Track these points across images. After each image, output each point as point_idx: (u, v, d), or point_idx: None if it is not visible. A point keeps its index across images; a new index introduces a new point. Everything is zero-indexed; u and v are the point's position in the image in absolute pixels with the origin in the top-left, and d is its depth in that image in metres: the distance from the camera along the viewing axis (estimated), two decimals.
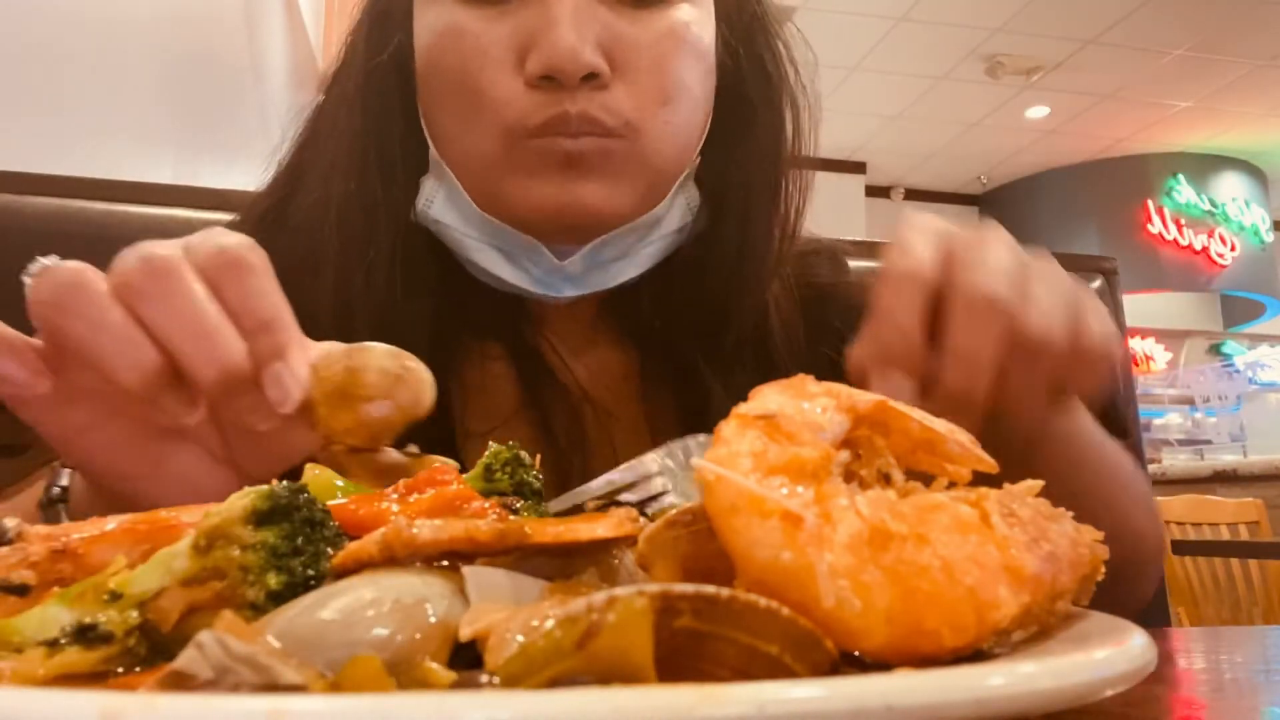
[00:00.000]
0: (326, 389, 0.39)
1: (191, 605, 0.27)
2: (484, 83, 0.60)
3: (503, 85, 0.60)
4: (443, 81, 0.62)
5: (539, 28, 0.58)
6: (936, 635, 0.25)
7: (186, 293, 0.40)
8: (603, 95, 0.60)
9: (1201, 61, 5.73)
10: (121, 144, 2.00)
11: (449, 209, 0.64)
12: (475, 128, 0.61)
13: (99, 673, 0.25)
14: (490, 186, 0.62)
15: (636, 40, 0.61)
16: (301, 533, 0.27)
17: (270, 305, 0.41)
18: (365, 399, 0.39)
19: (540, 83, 0.59)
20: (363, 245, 0.64)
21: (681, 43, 0.62)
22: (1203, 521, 3.29)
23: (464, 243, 0.64)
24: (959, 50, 5.55)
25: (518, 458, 0.36)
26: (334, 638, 0.24)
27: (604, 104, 0.59)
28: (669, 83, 0.62)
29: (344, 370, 0.39)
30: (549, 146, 0.59)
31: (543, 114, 0.59)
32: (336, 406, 0.39)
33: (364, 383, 0.39)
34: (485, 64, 0.60)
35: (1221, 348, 8.31)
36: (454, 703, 0.18)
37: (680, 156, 0.65)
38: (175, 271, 0.40)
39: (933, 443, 0.32)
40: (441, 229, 0.64)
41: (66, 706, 0.18)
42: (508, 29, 0.60)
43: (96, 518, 0.32)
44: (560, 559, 0.30)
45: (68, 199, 0.89)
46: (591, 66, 0.58)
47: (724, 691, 0.19)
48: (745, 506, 0.26)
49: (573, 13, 0.58)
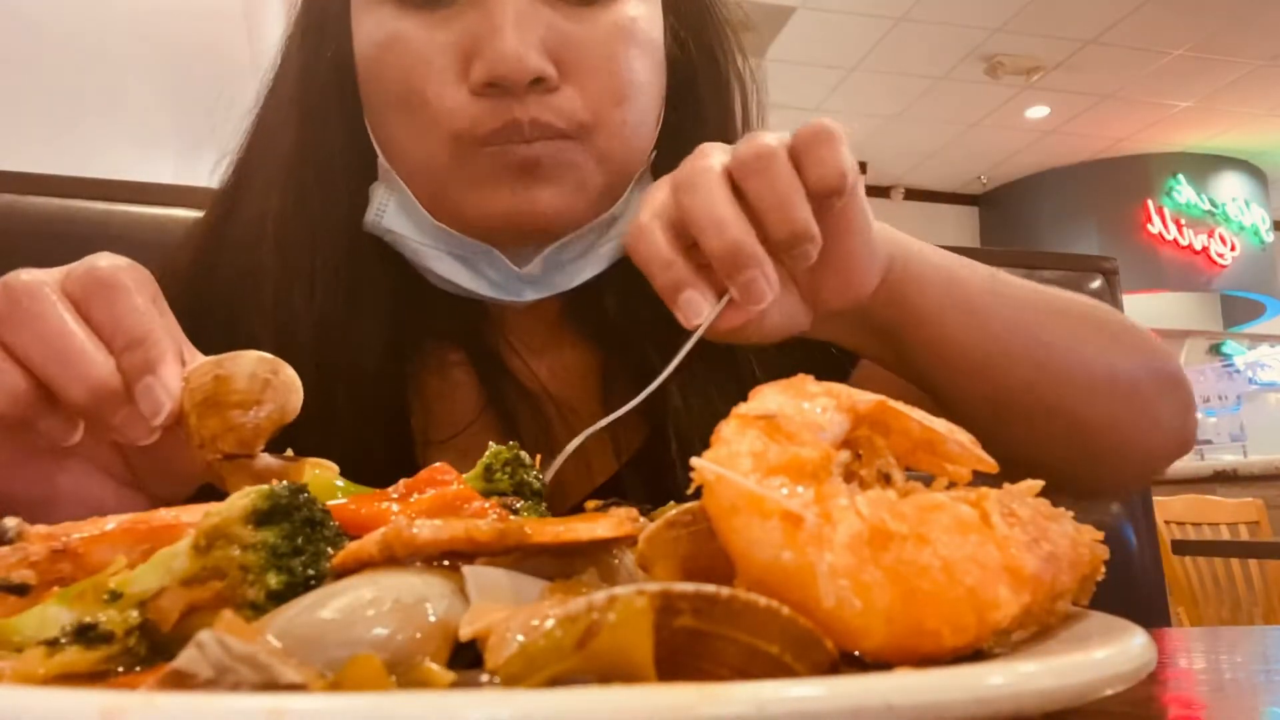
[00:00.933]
0: (197, 399, 0.40)
1: (191, 605, 0.27)
2: (429, 94, 0.58)
3: (449, 95, 0.58)
4: (386, 92, 0.61)
5: (481, 34, 0.57)
6: (937, 635, 0.25)
7: (49, 315, 0.41)
8: (552, 98, 0.58)
9: (1201, 61, 5.73)
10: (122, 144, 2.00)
11: (401, 218, 0.63)
12: (423, 138, 0.60)
13: (99, 672, 0.25)
14: (443, 196, 0.61)
15: (584, 39, 0.59)
16: (301, 533, 0.27)
17: (140, 322, 0.42)
18: (233, 405, 0.40)
19: (486, 90, 0.57)
20: (304, 259, 0.63)
21: (630, 39, 0.61)
22: (1203, 521, 3.29)
23: (420, 251, 0.62)
24: (959, 50, 5.54)
25: (518, 458, 0.36)
26: (334, 637, 0.24)
27: (555, 107, 0.58)
28: (620, 81, 0.60)
29: (213, 379, 0.40)
30: (501, 154, 0.58)
31: (492, 122, 0.57)
32: (205, 414, 0.40)
33: (232, 389, 0.40)
34: (429, 74, 0.58)
35: (1221, 348, 8.30)
36: (454, 702, 0.18)
37: (636, 153, 0.64)
38: (37, 295, 0.41)
39: (933, 443, 0.32)
40: (395, 238, 0.63)
41: (66, 706, 0.18)
42: (450, 36, 0.58)
43: (96, 518, 0.32)
44: (560, 559, 0.30)
45: (69, 199, 0.89)
46: (537, 71, 0.57)
47: (724, 691, 0.19)
48: (745, 506, 0.26)
49: (515, 17, 0.57)
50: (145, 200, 0.91)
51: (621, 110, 0.61)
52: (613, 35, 0.60)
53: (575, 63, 0.59)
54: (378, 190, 0.64)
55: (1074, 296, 0.65)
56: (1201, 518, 3.30)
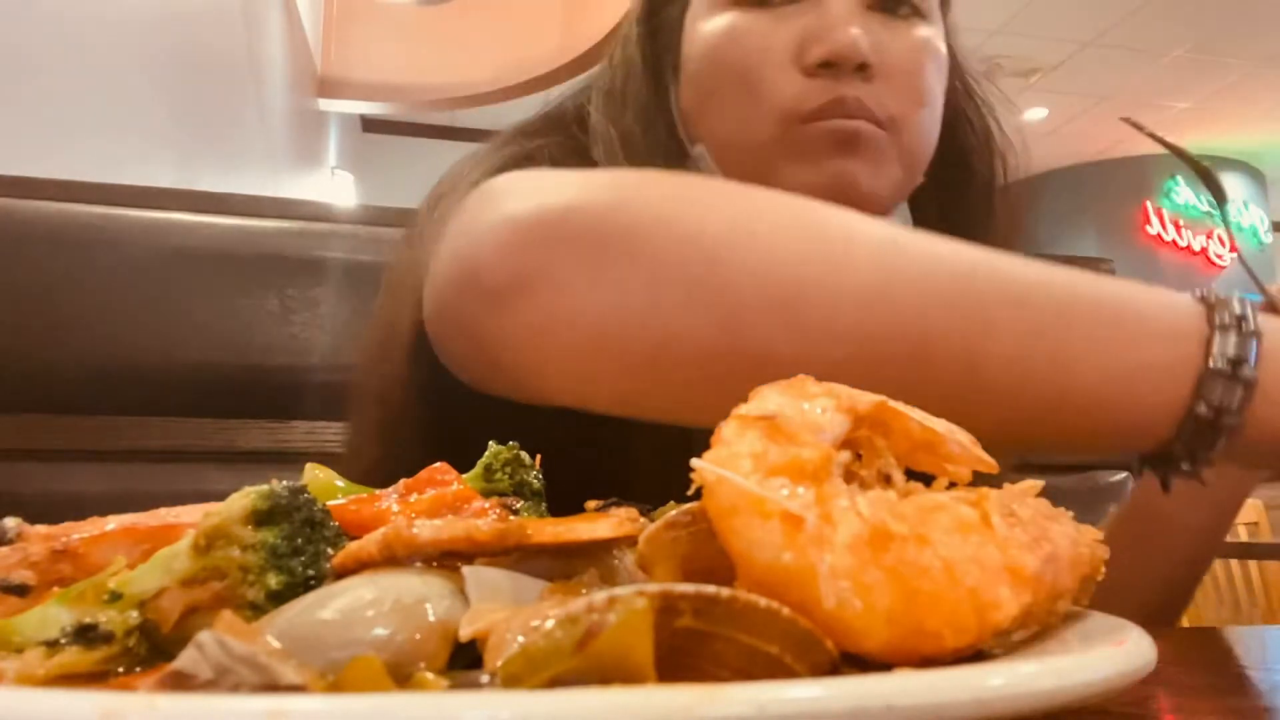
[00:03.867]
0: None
1: (191, 605, 0.27)
2: (765, 74, 0.65)
3: (783, 76, 0.65)
4: (722, 77, 0.67)
5: (819, 25, 0.65)
6: (937, 636, 0.25)
7: None
8: (870, 86, 0.65)
9: (1200, 63, 5.74)
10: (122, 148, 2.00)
11: None
12: (752, 116, 0.66)
13: (99, 673, 0.25)
14: (759, 169, 0.65)
15: (897, 46, 0.67)
16: (301, 533, 0.27)
17: None
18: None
19: (818, 70, 0.64)
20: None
21: (931, 54, 0.69)
22: None
23: None
24: None
25: (518, 458, 0.36)
26: (334, 638, 0.24)
27: (873, 94, 0.65)
28: (922, 86, 0.68)
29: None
30: (827, 127, 0.64)
31: (820, 98, 0.64)
32: None
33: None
34: (766, 58, 0.66)
35: None
36: (454, 703, 0.18)
37: (922, 161, 0.70)
38: None
39: (933, 443, 0.32)
40: None
41: (66, 706, 0.18)
42: (789, 29, 0.66)
43: (96, 518, 0.32)
44: (560, 559, 0.30)
45: (68, 203, 0.89)
46: (867, 56, 0.64)
47: (724, 691, 0.19)
48: (746, 507, 0.26)
49: (849, 15, 0.65)
50: (146, 204, 0.92)
51: (921, 113, 0.68)
52: (918, 47, 0.68)
53: (887, 64, 0.66)
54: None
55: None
56: None
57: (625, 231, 0.43)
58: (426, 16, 4.57)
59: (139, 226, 0.90)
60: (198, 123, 2.58)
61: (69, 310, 0.87)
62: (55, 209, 0.88)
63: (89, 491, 0.85)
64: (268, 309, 0.92)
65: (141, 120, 2.15)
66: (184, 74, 2.45)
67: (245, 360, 0.91)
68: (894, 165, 0.67)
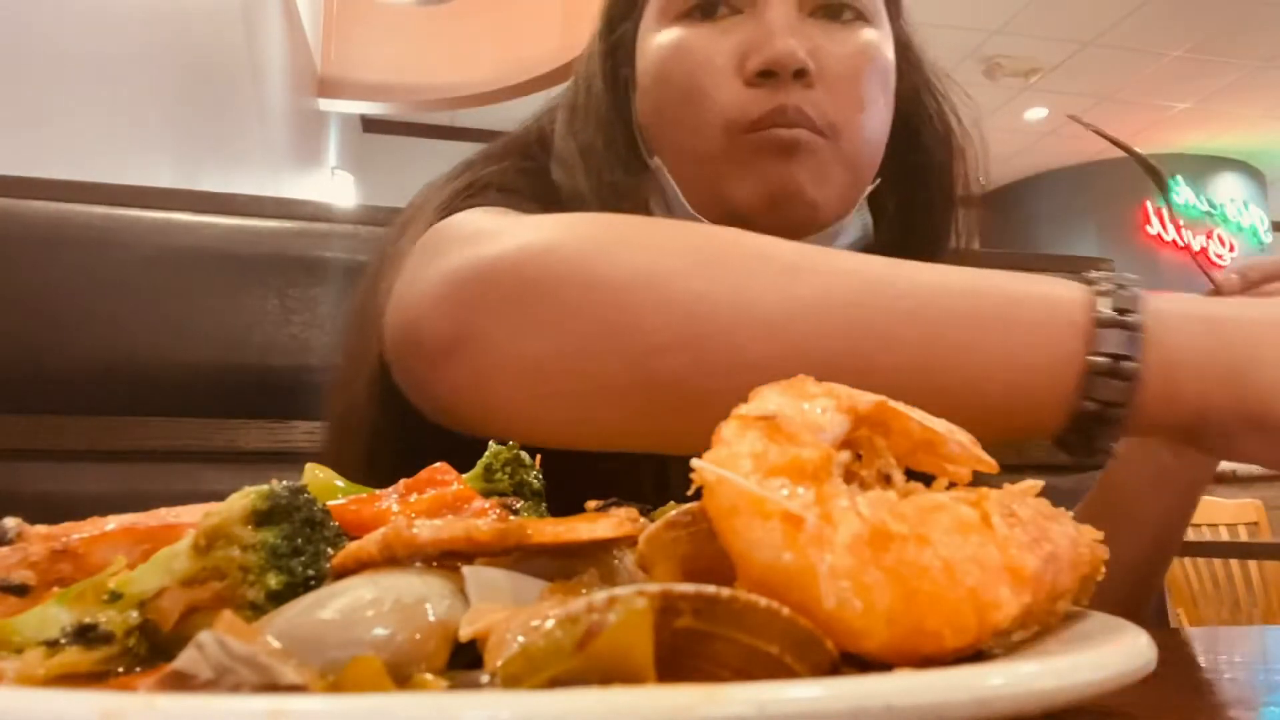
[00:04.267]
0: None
1: (191, 605, 0.27)
2: (709, 86, 0.68)
3: (725, 87, 0.68)
4: (669, 90, 0.70)
5: (759, 36, 0.67)
6: (938, 636, 0.25)
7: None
8: (810, 93, 0.67)
9: (1200, 63, 5.74)
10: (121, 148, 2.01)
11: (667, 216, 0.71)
12: (699, 127, 0.68)
13: (99, 673, 0.25)
14: (709, 179, 0.69)
15: (836, 51, 0.69)
16: (301, 533, 0.27)
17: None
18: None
19: (758, 80, 0.67)
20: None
21: (873, 59, 0.71)
22: (1202, 523, 3.29)
23: None
24: (957, 52, 5.55)
25: (518, 458, 0.36)
26: (334, 638, 0.24)
27: (812, 101, 0.67)
28: (861, 91, 0.70)
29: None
30: (767, 137, 0.67)
31: (761, 107, 0.66)
32: None
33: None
34: (709, 70, 0.68)
35: None
36: (454, 703, 0.18)
37: (867, 165, 0.72)
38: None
39: (933, 443, 0.32)
40: None
41: (66, 706, 0.18)
42: (730, 41, 0.69)
43: (96, 518, 0.32)
44: (560, 559, 0.30)
45: (68, 203, 0.89)
46: (803, 63, 0.66)
47: (724, 691, 0.19)
48: (746, 508, 0.26)
49: (787, 24, 0.68)
50: (146, 204, 0.92)
51: (860, 117, 0.70)
52: (859, 52, 0.70)
53: (827, 69, 0.68)
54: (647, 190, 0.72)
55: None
56: (1201, 519, 3.30)
57: (544, 283, 0.46)
58: (426, 16, 4.57)
59: (139, 226, 0.90)
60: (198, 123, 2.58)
61: (69, 310, 0.87)
62: (55, 209, 0.88)
63: (89, 491, 0.85)
64: (268, 309, 0.92)
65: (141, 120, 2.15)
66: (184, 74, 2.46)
67: (245, 360, 0.91)
68: (837, 171, 0.69)
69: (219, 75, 2.81)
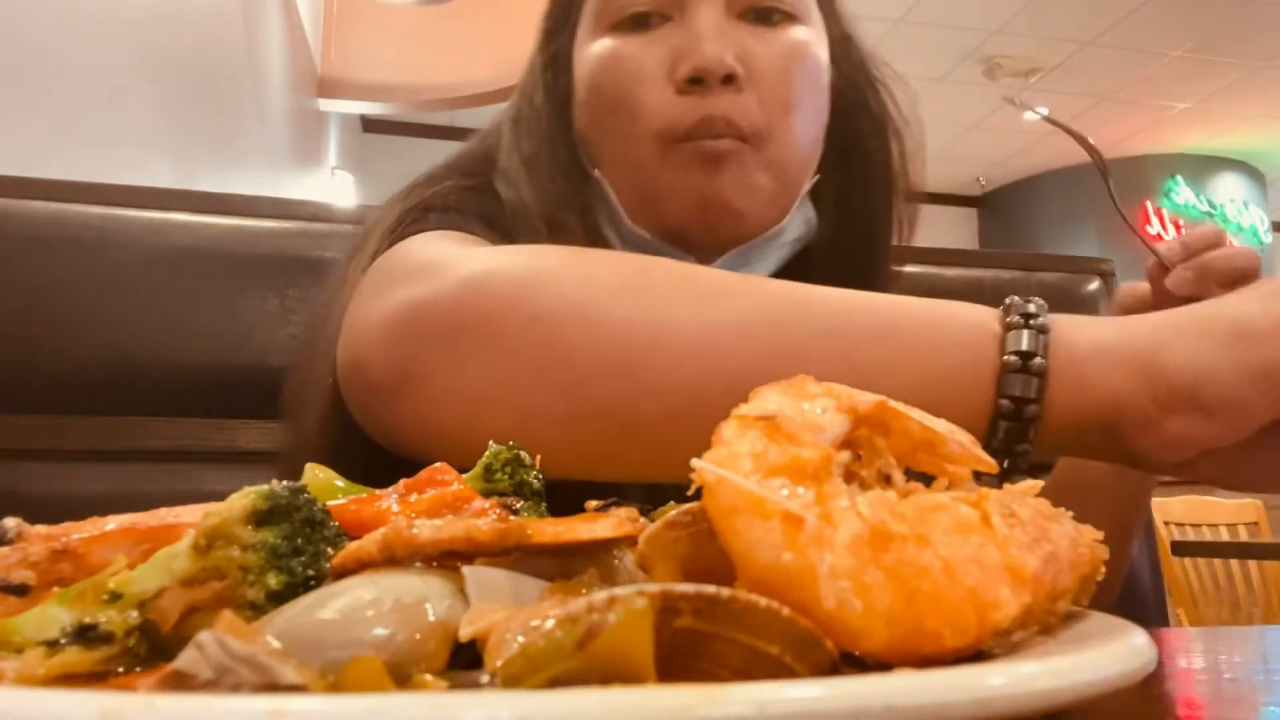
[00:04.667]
0: None
1: (191, 605, 0.27)
2: (640, 95, 0.69)
3: (656, 95, 0.69)
4: (602, 99, 0.72)
5: (687, 43, 0.68)
6: (938, 636, 0.25)
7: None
8: (739, 98, 0.68)
9: (1200, 63, 5.74)
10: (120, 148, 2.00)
11: (608, 226, 0.73)
12: (632, 136, 0.70)
13: (99, 673, 0.25)
14: (643, 189, 0.70)
15: (764, 54, 0.70)
16: (301, 533, 0.27)
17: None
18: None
19: (688, 87, 0.68)
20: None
21: (801, 58, 0.72)
22: (1202, 522, 3.29)
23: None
24: (957, 52, 5.55)
25: (518, 458, 0.36)
26: (334, 638, 0.24)
27: (740, 108, 0.68)
28: (791, 91, 0.70)
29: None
30: (696, 148, 0.68)
31: (691, 117, 0.68)
32: None
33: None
34: (640, 79, 0.69)
35: None
36: (454, 703, 0.18)
37: (800, 166, 0.73)
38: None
39: (933, 443, 0.32)
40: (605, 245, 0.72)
41: (66, 706, 0.18)
42: (660, 50, 0.70)
43: (96, 518, 0.32)
44: (560, 559, 0.30)
45: (66, 203, 0.89)
46: (731, 68, 0.67)
47: (724, 691, 0.19)
48: (746, 508, 0.26)
49: (714, 29, 0.69)
50: (144, 204, 0.92)
51: (790, 118, 0.70)
52: (787, 53, 0.71)
53: (756, 72, 0.69)
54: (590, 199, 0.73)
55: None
56: (1201, 519, 3.30)
57: (481, 320, 0.48)
58: (426, 16, 4.57)
59: (139, 226, 0.90)
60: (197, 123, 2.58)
61: (69, 310, 0.87)
62: (55, 209, 0.88)
63: (89, 491, 0.85)
64: (268, 309, 0.92)
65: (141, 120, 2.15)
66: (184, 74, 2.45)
67: (245, 360, 0.91)
68: (763, 179, 0.70)
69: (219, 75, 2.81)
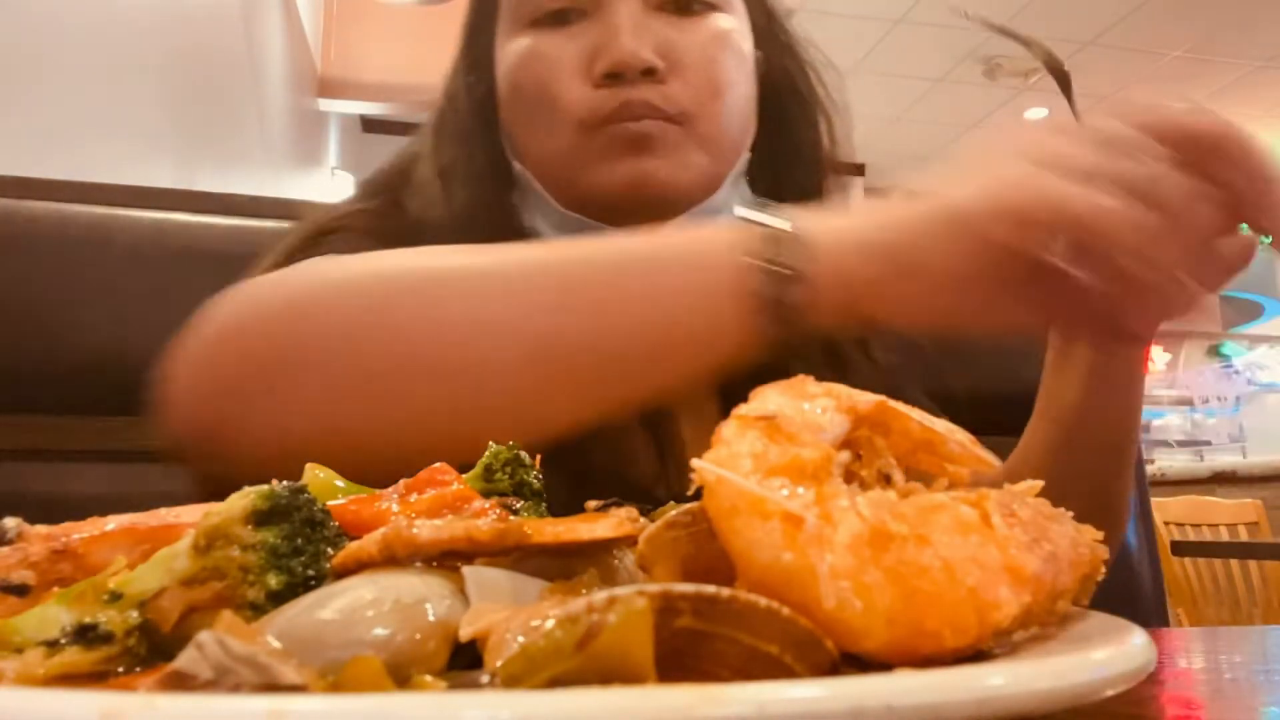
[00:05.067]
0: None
1: (191, 605, 0.27)
2: (559, 90, 0.69)
3: (575, 89, 0.69)
4: (522, 96, 0.72)
5: (604, 38, 0.69)
6: (938, 636, 0.25)
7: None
8: (660, 87, 0.69)
9: (1200, 63, 5.74)
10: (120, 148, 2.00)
11: (537, 216, 0.73)
12: (554, 129, 0.70)
13: (99, 673, 0.25)
14: (570, 177, 0.71)
15: (687, 44, 0.70)
16: (301, 533, 0.27)
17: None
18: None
19: (606, 81, 0.68)
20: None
21: (725, 45, 0.72)
22: (1202, 523, 3.29)
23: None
24: (957, 52, 5.55)
25: (518, 458, 0.36)
26: (334, 638, 0.24)
27: (662, 93, 0.68)
28: (717, 78, 0.71)
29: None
30: (618, 131, 0.68)
31: (609, 105, 0.68)
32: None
33: None
34: (560, 75, 0.70)
35: (1221, 349, 8.30)
36: (454, 703, 0.18)
37: (732, 144, 0.73)
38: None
39: (933, 443, 0.32)
40: (537, 237, 0.72)
41: (66, 706, 0.18)
42: (578, 46, 0.70)
43: (96, 518, 0.32)
44: (560, 559, 0.30)
45: (66, 203, 0.89)
46: (649, 63, 0.68)
47: (724, 692, 0.19)
48: (746, 508, 0.26)
49: (631, 25, 0.68)
50: (144, 204, 0.92)
51: (717, 103, 0.71)
52: (710, 41, 0.71)
53: (679, 62, 0.70)
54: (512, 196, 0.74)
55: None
56: (1201, 519, 3.30)
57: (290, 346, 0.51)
58: (426, 16, 4.56)
59: (139, 226, 0.90)
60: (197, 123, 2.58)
61: (69, 310, 0.87)
62: (55, 209, 0.88)
63: (89, 491, 0.85)
64: None
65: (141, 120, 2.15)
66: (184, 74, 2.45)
67: None
68: (694, 154, 0.70)
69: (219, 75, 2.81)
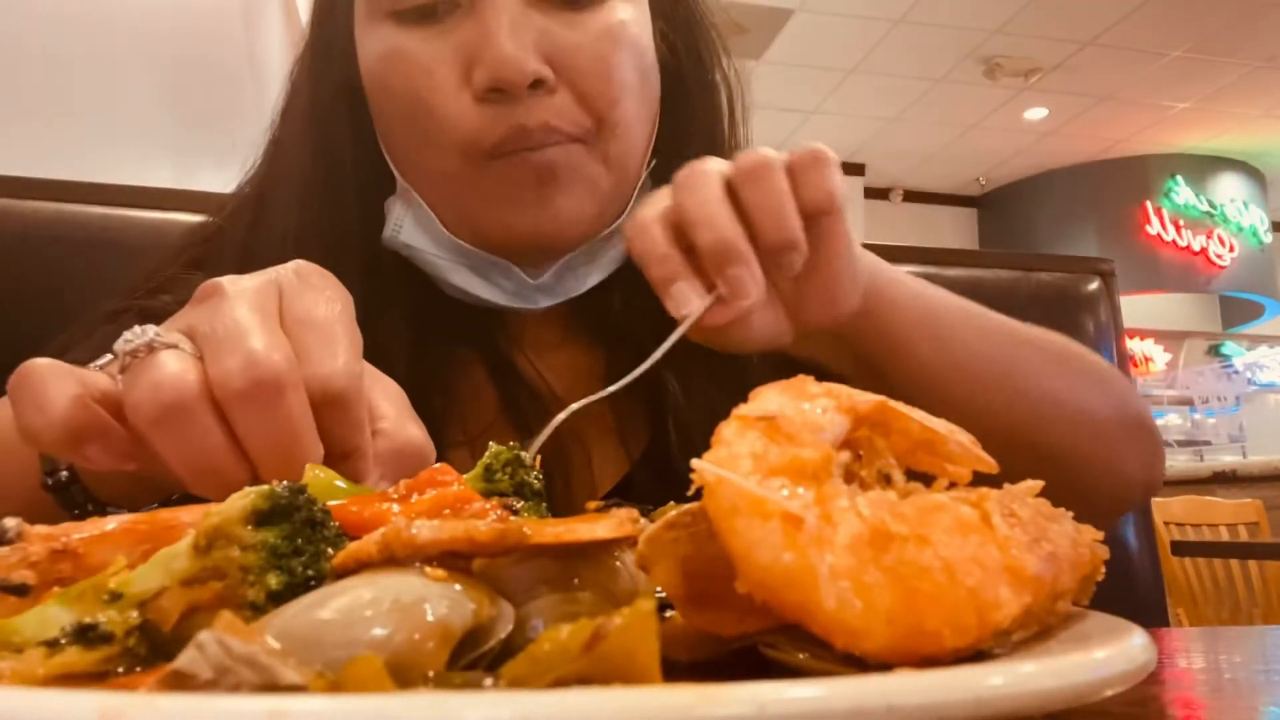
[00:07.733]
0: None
1: (191, 605, 0.27)
2: (434, 103, 0.59)
3: (452, 103, 0.59)
4: (393, 105, 0.62)
5: (478, 42, 0.58)
6: (938, 636, 0.25)
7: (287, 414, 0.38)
8: (552, 101, 0.59)
9: (1199, 63, 5.74)
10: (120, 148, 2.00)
11: (418, 233, 0.64)
12: (432, 149, 0.61)
13: (99, 673, 0.25)
14: (461, 210, 0.62)
15: (576, 43, 0.60)
16: (301, 533, 0.27)
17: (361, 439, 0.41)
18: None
19: (488, 96, 0.58)
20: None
21: (620, 41, 0.62)
22: (1202, 522, 3.29)
23: (437, 264, 0.64)
24: (957, 52, 5.55)
25: (518, 458, 0.36)
26: (333, 638, 0.24)
27: (557, 110, 0.59)
28: (613, 82, 0.61)
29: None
30: (516, 164, 0.59)
31: (497, 130, 0.59)
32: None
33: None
34: (432, 84, 0.59)
35: (1221, 349, 8.31)
36: (454, 703, 0.18)
37: (636, 155, 0.65)
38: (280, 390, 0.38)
39: (933, 443, 0.32)
40: (413, 253, 0.64)
41: (66, 706, 0.18)
42: (449, 47, 0.59)
43: (96, 518, 0.32)
44: (560, 559, 0.30)
45: (66, 203, 0.89)
46: (536, 74, 0.58)
47: (724, 692, 0.19)
48: (746, 508, 0.26)
49: (509, 23, 0.58)
50: (143, 204, 0.92)
51: (617, 111, 0.62)
52: (602, 38, 0.61)
53: (569, 66, 0.60)
54: (394, 206, 0.65)
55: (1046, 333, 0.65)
56: (1201, 518, 3.30)
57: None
58: None
59: (137, 226, 0.90)
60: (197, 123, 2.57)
61: (69, 310, 0.87)
62: (55, 209, 0.88)
63: None
64: None
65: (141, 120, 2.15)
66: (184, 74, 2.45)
67: None
68: (600, 175, 0.62)
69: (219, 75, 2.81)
